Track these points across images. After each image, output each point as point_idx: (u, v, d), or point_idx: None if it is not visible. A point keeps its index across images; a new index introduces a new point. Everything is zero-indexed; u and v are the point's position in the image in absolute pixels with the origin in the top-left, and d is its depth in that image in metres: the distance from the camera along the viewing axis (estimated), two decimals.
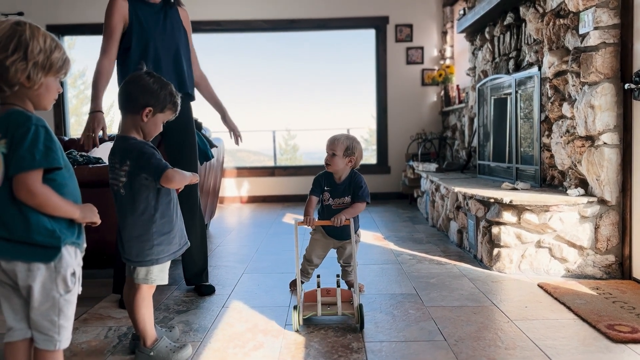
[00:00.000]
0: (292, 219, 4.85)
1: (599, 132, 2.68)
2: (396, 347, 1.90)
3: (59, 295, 1.30)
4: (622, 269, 2.70)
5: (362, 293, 2.54)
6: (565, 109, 2.95)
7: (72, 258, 1.32)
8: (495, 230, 2.87)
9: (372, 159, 6.52)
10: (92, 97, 2.30)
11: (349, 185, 2.43)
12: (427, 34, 6.13)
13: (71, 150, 3.43)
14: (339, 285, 2.14)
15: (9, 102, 1.28)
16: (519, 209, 2.79)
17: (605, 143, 2.68)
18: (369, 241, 3.77)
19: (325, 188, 2.45)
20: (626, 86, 2.60)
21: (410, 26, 6.11)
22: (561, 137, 2.98)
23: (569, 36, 2.89)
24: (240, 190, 6.35)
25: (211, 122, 4.34)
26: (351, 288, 2.52)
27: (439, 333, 2.02)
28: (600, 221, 2.71)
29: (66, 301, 1.32)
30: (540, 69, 3.25)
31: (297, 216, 5.01)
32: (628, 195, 2.66)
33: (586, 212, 2.71)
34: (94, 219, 1.37)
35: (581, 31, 2.75)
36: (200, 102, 2.69)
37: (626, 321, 2.05)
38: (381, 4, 6.09)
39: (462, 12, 4.65)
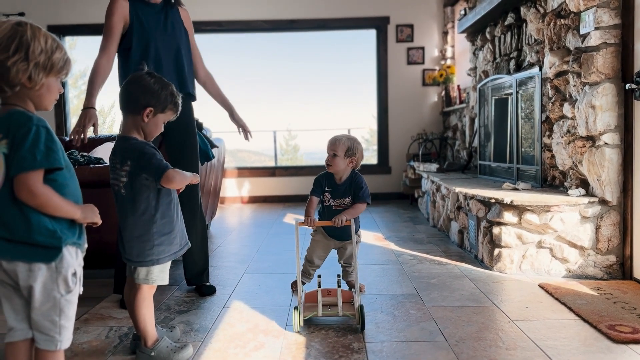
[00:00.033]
0: (293, 219, 4.85)
1: (600, 132, 2.68)
2: (397, 348, 1.90)
3: (60, 295, 1.30)
4: (623, 269, 2.70)
5: (362, 293, 2.54)
6: (566, 109, 2.94)
7: (73, 258, 1.32)
8: (496, 230, 2.87)
9: (373, 159, 6.52)
10: (87, 93, 2.30)
11: (350, 186, 2.43)
12: (428, 34, 6.13)
13: (72, 150, 3.43)
14: (340, 286, 2.14)
15: (10, 103, 1.28)
16: (519, 209, 2.79)
17: (606, 143, 2.68)
18: (369, 241, 3.77)
19: (326, 189, 2.45)
20: (627, 86, 2.60)
21: (411, 26, 6.11)
22: (562, 138, 2.98)
23: (569, 36, 2.89)
24: (241, 191, 6.35)
25: (212, 122, 4.35)
26: (352, 289, 2.52)
27: (439, 333, 2.02)
28: (601, 221, 2.71)
29: (67, 301, 1.32)
30: (541, 69, 3.25)
31: (298, 216, 5.01)
32: (629, 195, 2.66)
33: (587, 213, 2.71)
34: (94, 219, 1.37)
35: (582, 31, 2.75)
36: (200, 103, 2.68)
37: (627, 322, 2.05)
38: (382, 4, 6.09)
39: (462, 12, 4.65)
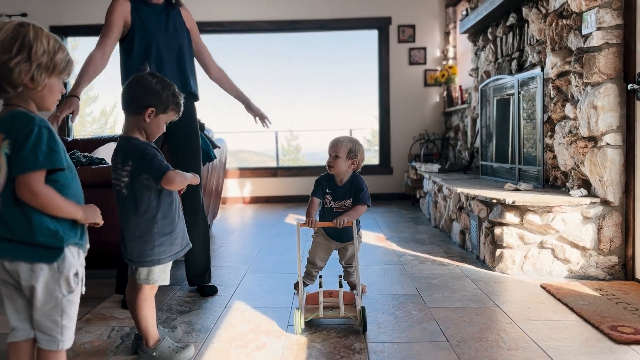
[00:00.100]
0: (294, 220, 4.85)
1: (601, 132, 2.68)
2: (398, 348, 1.90)
3: (61, 295, 1.30)
4: (625, 270, 2.70)
5: (364, 294, 2.54)
6: (568, 109, 2.94)
7: (75, 258, 1.33)
8: (497, 231, 2.86)
9: (375, 160, 6.52)
10: (75, 82, 2.28)
11: (351, 188, 2.43)
12: (430, 34, 6.13)
13: (74, 151, 3.44)
14: (341, 286, 2.14)
15: (12, 103, 1.28)
16: (521, 210, 2.79)
17: (608, 144, 2.67)
18: (371, 242, 3.77)
19: (327, 190, 2.45)
20: (629, 87, 2.59)
21: (412, 27, 6.11)
22: (564, 138, 2.98)
23: (571, 37, 2.89)
24: (242, 191, 6.35)
25: (213, 122, 4.36)
26: (353, 290, 2.52)
27: (441, 334, 2.02)
28: (603, 222, 2.71)
29: (69, 301, 1.32)
30: (542, 69, 3.24)
31: (300, 217, 5.01)
32: (631, 196, 2.65)
33: (589, 213, 2.71)
34: (96, 219, 1.38)
35: (584, 32, 2.75)
36: (201, 103, 2.68)
37: (629, 322, 2.04)
38: (383, 5, 6.09)
39: (464, 12, 4.65)
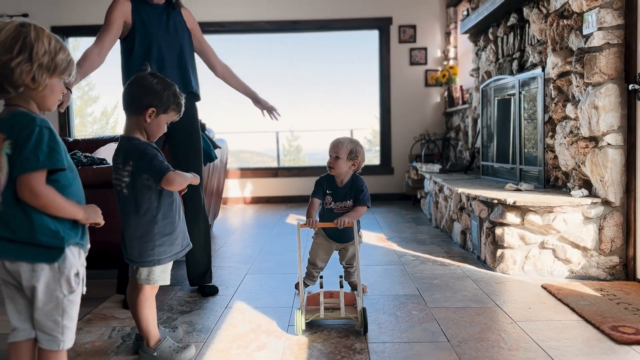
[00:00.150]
0: (295, 220, 4.85)
1: (602, 133, 2.68)
2: (399, 348, 1.89)
3: (62, 295, 1.31)
4: (626, 270, 2.69)
5: (365, 294, 2.54)
6: (569, 109, 2.94)
7: (75, 259, 1.33)
8: (498, 231, 2.86)
9: (376, 160, 6.52)
10: None
11: (351, 189, 2.43)
12: (431, 34, 6.13)
13: (75, 151, 3.45)
14: (342, 287, 2.14)
15: (13, 104, 1.28)
16: (522, 210, 2.79)
17: (609, 144, 2.67)
18: (372, 242, 3.77)
19: (327, 191, 2.45)
20: (630, 87, 2.59)
21: (413, 27, 6.11)
22: (565, 138, 2.97)
23: (572, 37, 2.88)
24: (243, 191, 6.36)
25: (214, 123, 4.36)
26: (354, 290, 2.52)
27: (442, 334, 2.01)
28: (604, 222, 2.70)
29: (70, 301, 1.32)
30: (543, 69, 3.24)
31: (301, 217, 5.01)
32: (632, 196, 2.65)
33: (590, 213, 2.71)
34: (97, 219, 1.38)
35: (585, 32, 2.74)
36: (202, 103, 2.68)
37: (630, 323, 2.04)
38: (384, 5, 6.09)
39: (465, 12, 4.65)
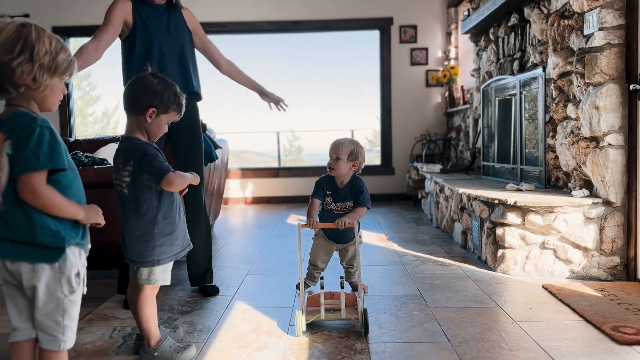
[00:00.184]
0: (296, 220, 4.85)
1: (603, 133, 2.67)
2: (400, 348, 1.89)
3: (63, 295, 1.31)
4: (627, 270, 2.69)
5: (365, 294, 2.54)
6: (570, 110, 2.94)
7: (76, 259, 1.33)
8: (499, 231, 2.86)
9: (376, 160, 6.51)
10: None
11: (351, 189, 2.43)
12: (432, 35, 6.13)
13: (76, 151, 3.45)
14: (343, 287, 2.13)
15: (14, 104, 1.29)
16: (523, 210, 2.79)
17: (610, 144, 2.67)
18: (372, 242, 3.77)
19: (328, 192, 2.45)
20: (631, 87, 2.59)
21: (414, 27, 6.11)
22: (566, 138, 2.97)
23: (573, 37, 2.88)
24: (244, 192, 6.36)
25: (215, 123, 4.36)
26: (355, 291, 2.52)
27: (442, 334, 2.01)
28: (605, 222, 2.70)
29: (70, 302, 1.33)
30: (544, 69, 3.24)
31: (301, 217, 5.01)
32: (633, 196, 2.65)
33: (591, 214, 2.70)
34: (98, 219, 1.38)
35: (586, 32, 2.74)
36: (203, 103, 2.69)
37: (631, 323, 2.04)
38: (385, 5, 6.09)
39: (466, 13, 4.65)
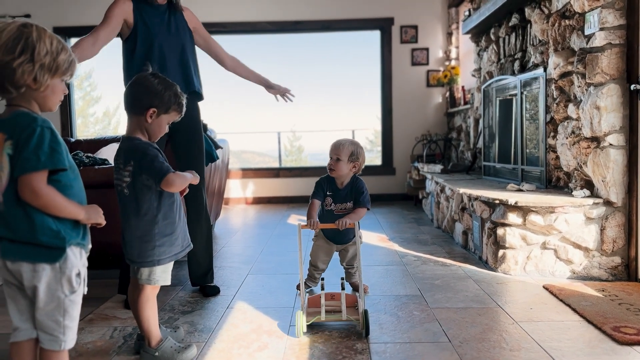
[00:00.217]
0: (297, 220, 4.85)
1: (604, 133, 2.67)
2: (400, 349, 1.89)
3: (64, 295, 1.31)
4: (628, 270, 2.69)
5: (366, 294, 2.54)
6: (571, 110, 2.93)
7: (77, 259, 1.33)
8: (500, 231, 2.86)
9: (377, 160, 6.52)
10: None
11: (351, 190, 2.43)
12: (432, 35, 6.13)
13: (77, 151, 3.45)
14: (344, 289, 2.13)
15: (15, 104, 1.29)
16: (524, 211, 2.79)
17: (611, 144, 2.67)
18: (373, 242, 3.77)
19: (328, 193, 2.45)
20: (632, 87, 2.59)
21: (415, 27, 6.11)
22: (567, 139, 2.97)
23: (574, 37, 2.88)
24: (245, 192, 6.36)
25: (216, 123, 4.37)
26: (356, 292, 2.52)
27: (443, 334, 2.01)
28: (606, 223, 2.70)
29: (71, 302, 1.33)
30: (545, 70, 3.24)
31: (302, 217, 5.01)
32: (634, 196, 2.64)
33: (592, 214, 2.70)
34: (98, 220, 1.38)
35: (587, 32, 2.74)
36: (204, 103, 2.68)
37: (632, 323, 2.04)
38: (386, 5, 6.09)
39: (467, 13, 4.65)
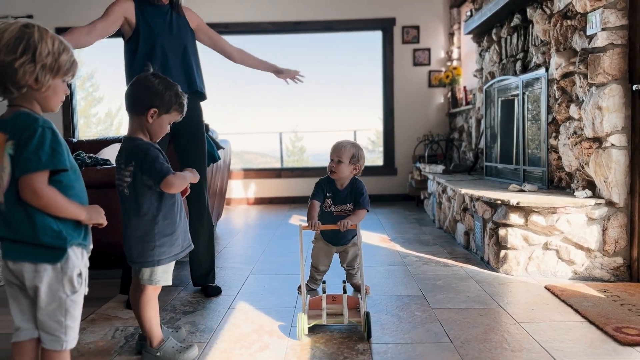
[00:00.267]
0: (298, 221, 4.85)
1: (606, 133, 2.67)
2: (402, 349, 1.89)
3: (65, 295, 1.31)
4: (630, 271, 2.68)
5: (368, 295, 2.54)
6: (573, 110, 2.93)
7: (78, 259, 1.33)
8: (502, 232, 2.86)
9: (379, 161, 6.52)
10: None
11: (351, 192, 2.43)
12: (434, 35, 6.12)
13: (79, 152, 3.45)
14: (345, 292, 2.11)
15: (16, 104, 1.29)
16: (526, 211, 2.78)
17: (613, 145, 2.66)
18: (375, 243, 3.77)
19: (328, 194, 2.45)
20: (634, 87, 2.58)
21: (417, 28, 6.11)
22: (568, 139, 2.96)
23: (576, 37, 2.88)
24: (247, 192, 6.36)
25: (218, 123, 4.37)
26: (358, 294, 2.51)
27: (445, 335, 2.01)
28: (608, 223, 2.69)
29: (72, 302, 1.33)
30: (547, 70, 3.23)
31: (304, 217, 5.01)
32: (636, 197, 2.64)
33: (594, 214, 2.70)
34: (100, 220, 1.38)
35: (589, 32, 2.74)
36: (204, 104, 2.68)
37: (634, 324, 2.03)
38: (388, 6, 6.09)
39: (469, 13, 4.65)
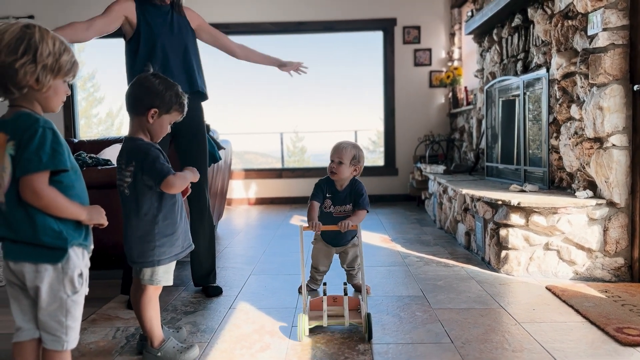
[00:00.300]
0: (299, 221, 4.85)
1: (607, 133, 2.67)
2: (403, 349, 1.89)
3: (66, 296, 1.31)
4: (631, 271, 2.68)
5: (368, 295, 2.54)
6: (574, 110, 2.93)
7: (79, 259, 1.33)
8: (503, 232, 2.85)
9: (380, 161, 6.51)
10: None
11: (350, 193, 2.43)
12: (435, 35, 6.12)
13: (80, 152, 3.46)
14: (346, 294, 2.11)
15: (17, 105, 1.29)
16: (527, 211, 2.78)
17: (614, 145, 2.66)
18: (375, 243, 3.77)
19: (327, 195, 2.45)
20: (635, 87, 2.58)
21: (418, 28, 6.10)
22: (569, 139, 2.96)
23: (577, 37, 2.87)
24: (247, 192, 6.36)
25: (219, 124, 4.37)
26: (359, 295, 2.51)
27: (445, 335, 2.01)
28: (609, 223, 2.69)
29: (73, 302, 1.33)
30: (548, 70, 3.23)
31: (305, 217, 5.01)
32: (637, 197, 2.63)
33: (595, 215, 2.70)
34: (100, 220, 1.38)
35: (590, 32, 2.73)
36: (205, 104, 2.68)
37: (635, 324, 2.03)
38: (389, 6, 6.09)
39: (470, 13, 4.65)
